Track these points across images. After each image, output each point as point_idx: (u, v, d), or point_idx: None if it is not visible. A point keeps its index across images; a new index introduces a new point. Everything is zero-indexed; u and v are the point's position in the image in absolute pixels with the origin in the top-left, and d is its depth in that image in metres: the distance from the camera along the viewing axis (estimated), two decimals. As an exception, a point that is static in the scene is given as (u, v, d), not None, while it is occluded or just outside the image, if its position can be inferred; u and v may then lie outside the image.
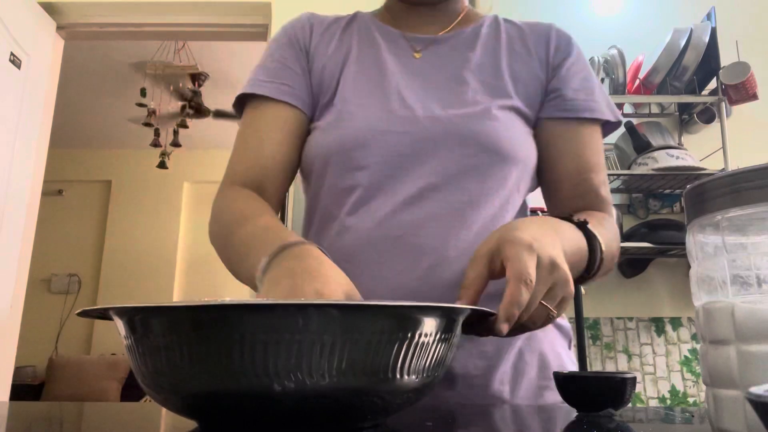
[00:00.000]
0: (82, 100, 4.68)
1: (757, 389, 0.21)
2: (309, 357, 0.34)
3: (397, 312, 0.37)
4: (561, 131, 0.76)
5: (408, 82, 0.75)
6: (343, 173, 0.71)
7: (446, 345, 0.42)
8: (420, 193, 0.69)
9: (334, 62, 0.78)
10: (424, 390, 0.41)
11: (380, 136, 0.70)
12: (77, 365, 4.75)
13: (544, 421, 0.53)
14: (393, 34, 0.81)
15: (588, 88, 0.77)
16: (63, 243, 5.44)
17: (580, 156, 0.76)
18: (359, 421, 0.39)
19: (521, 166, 0.73)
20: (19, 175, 2.30)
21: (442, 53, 0.79)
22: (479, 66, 0.77)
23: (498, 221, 0.71)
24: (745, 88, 2.09)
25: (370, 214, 0.69)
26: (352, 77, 0.76)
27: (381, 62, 0.77)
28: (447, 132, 0.70)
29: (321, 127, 0.74)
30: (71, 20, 2.58)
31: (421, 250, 0.67)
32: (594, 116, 0.76)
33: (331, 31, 0.82)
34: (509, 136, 0.72)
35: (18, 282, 2.32)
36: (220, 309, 0.34)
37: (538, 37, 0.80)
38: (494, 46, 0.79)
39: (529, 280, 0.48)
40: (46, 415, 0.57)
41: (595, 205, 0.75)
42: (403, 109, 0.72)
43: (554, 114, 0.76)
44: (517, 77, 0.77)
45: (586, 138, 0.76)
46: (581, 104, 0.76)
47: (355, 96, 0.74)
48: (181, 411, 0.39)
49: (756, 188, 0.31)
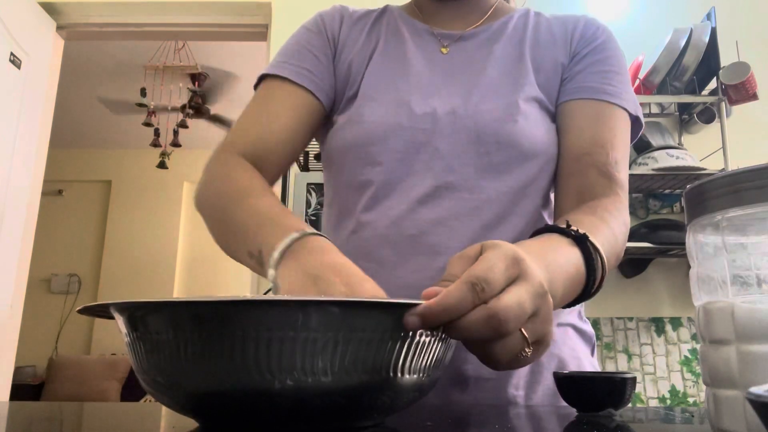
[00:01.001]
0: (82, 100, 4.68)
1: (757, 389, 0.21)
2: (312, 354, 0.34)
3: (400, 310, 0.37)
4: (572, 111, 0.72)
5: (431, 78, 0.74)
6: (359, 168, 0.71)
7: (445, 343, 0.42)
8: (436, 191, 0.68)
9: (362, 56, 0.78)
10: (425, 389, 0.41)
11: (398, 131, 0.70)
12: (77, 365, 4.74)
13: (545, 421, 0.53)
14: (421, 29, 0.80)
15: (608, 72, 0.72)
16: (63, 243, 5.44)
17: (585, 129, 0.69)
18: (361, 420, 0.39)
19: (542, 160, 0.69)
20: (19, 175, 2.30)
21: (468, 49, 0.77)
22: (502, 58, 0.75)
23: (515, 219, 0.68)
24: (745, 88, 2.09)
25: (385, 211, 0.69)
26: (376, 71, 0.76)
27: (406, 57, 0.76)
28: (466, 129, 0.69)
29: (343, 120, 0.74)
30: (71, 20, 2.58)
31: (437, 250, 0.66)
32: (608, 99, 0.70)
33: (360, 25, 0.81)
34: (530, 132, 0.69)
35: (18, 282, 2.32)
36: (222, 305, 0.34)
37: (565, 26, 0.77)
38: (520, 37, 0.77)
39: (480, 287, 0.37)
40: (46, 415, 0.57)
41: (598, 185, 0.66)
42: (423, 106, 0.71)
43: (566, 97, 0.73)
44: (539, 67, 0.74)
45: (597, 115, 0.70)
46: (595, 86, 0.71)
47: (375, 91, 0.74)
48: (181, 409, 0.39)
49: (756, 188, 0.31)
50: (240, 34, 2.66)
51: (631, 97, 0.73)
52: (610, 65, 0.73)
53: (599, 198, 0.65)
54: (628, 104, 0.71)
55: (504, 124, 0.68)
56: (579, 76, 0.73)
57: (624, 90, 0.72)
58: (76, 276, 5.43)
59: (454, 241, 0.66)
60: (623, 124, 0.71)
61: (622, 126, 0.71)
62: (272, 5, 2.45)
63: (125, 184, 5.66)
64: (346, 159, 0.72)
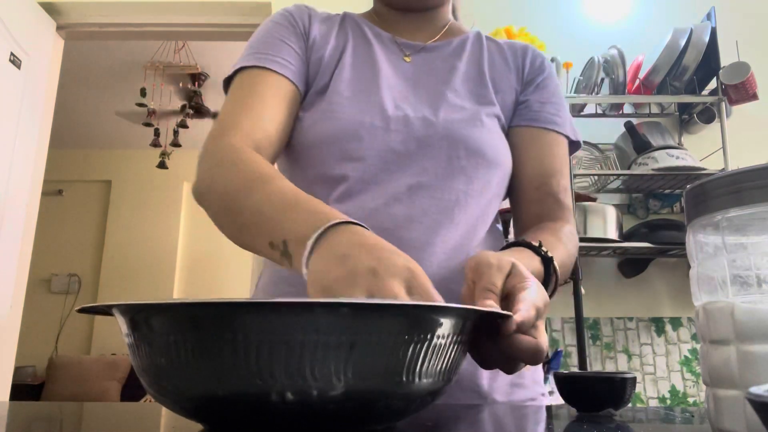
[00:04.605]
0: (82, 100, 4.68)
1: (757, 389, 0.21)
2: (319, 358, 0.33)
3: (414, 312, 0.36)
4: (527, 138, 0.80)
5: (399, 84, 0.78)
6: (334, 163, 0.72)
7: (461, 347, 0.40)
8: (410, 189, 0.71)
9: (331, 54, 0.79)
10: (438, 393, 0.40)
11: (374, 131, 0.72)
12: (77, 365, 4.75)
13: (545, 422, 0.53)
14: (384, 36, 0.84)
15: (556, 104, 0.82)
16: (63, 243, 5.44)
17: (542, 160, 0.79)
18: (371, 425, 0.38)
19: (502, 171, 0.76)
20: (19, 175, 2.30)
21: (431, 60, 0.82)
22: (466, 75, 0.81)
23: (481, 223, 0.75)
24: (745, 88, 2.09)
25: (361, 204, 0.70)
26: (348, 72, 0.77)
27: (375, 60, 0.79)
28: (437, 134, 0.73)
29: (312, 115, 0.74)
30: (71, 20, 2.58)
31: (411, 245, 0.68)
32: (557, 129, 0.81)
33: (327, 24, 0.83)
34: (494, 143, 0.75)
35: (18, 282, 2.32)
36: (226, 307, 0.33)
37: (515, 53, 0.85)
38: (478, 58, 0.84)
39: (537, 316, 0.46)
40: (46, 415, 0.57)
41: (554, 210, 0.77)
42: (396, 109, 0.74)
43: (521, 122, 0.81)
44: (498, 88, 0.82)
45: (549, 145, 0.80)
46: (547, 116, 0.81)
47: (350, 90, 0.75)
48: (183, 412, 0.38)
49: (756, 188, 0.31)
50: (240, 34, 2.66)
51: (571, 124, 0.84)
52: (558, 97, 0.84)
53: (556, 221, 0.76)
54: (570, 132, 0.83)
55: (472, 132, 0.74)
56: (535, 105, 0.81)
57: (568, 119, 0.83)
58: (76, 276, 5.43)
59: (427, 237, 0.69)
60: (565, 150, 0.82)
61: (564, 152, 0.82)
62: (272, 5, 2.45)
63: (125, 184, 5.66)
64: (319, 153, 0.73)
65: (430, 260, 0.68)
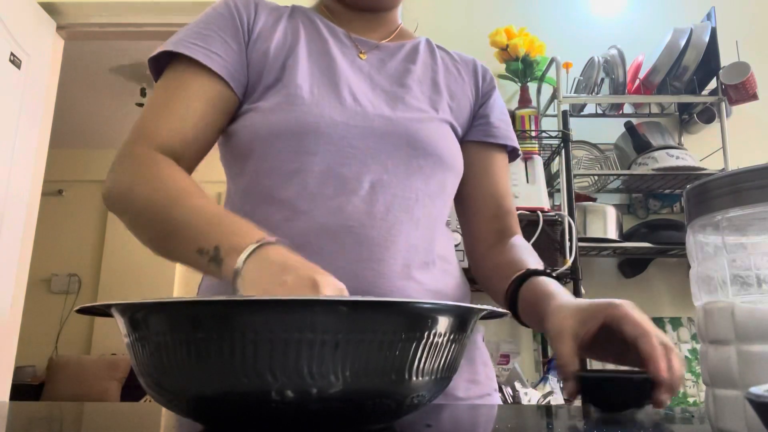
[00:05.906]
0: (82, 100, 4.68)
1: (757, 389, 0.21)
2: (317, 356, 0.33)
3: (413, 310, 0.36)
4: (485, 155, 0.85)
5: (356, 80, 0.77)
6: (291, 156, 0.70)
7: (459, 345, 0.41)
8: (372, 186, 0.71)
9: (280, 46, 0.76)
10: (437, 392, 0.41)
11: (333, 125, 0.71)
12: (77, 365, 4.74)
13: (544, 422, 0.53)
14: (338, 32, 0.82)
15: (506, 120, 0.88)
16: (63, 243, 5.44)
17: (499, 181, 0.85)
18: (369, 424, 0.38)
19: (455, 175, 0.79)
20: (19, 175, 2.30)
21: (385, 59, 0.82)
22: (421, 78, 0.82)
23: (439, 223, 0.77)
24: (745, 88, 2.09)
25: (324, 201, 0.69)
26: (303, 65, 0.75)
27: (330, 55, 0.78)
28: (396, 132, 0.73)
29: (266, 108, 0.72)
30: (71, 20, 2.58)
31: (374, 242, 0.68)
32: (511, 144, 0.86)
33: (274, 15, 0.80)
34: (450, 147, 0.77)
35: (18, 282, 2.32)
36: (225, 305, 0.33)
37: (467, 65, 0.88)
38: (432, 65, 0.85)
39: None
40: (46, 415, 0.57)
41: (511, 226, 0.83)
42: (355, 104, 0.73)
43: (481, 138, 0.85)
44: (453, 95, 0.83)
45: (502, 164, 0.86)
46: (503, 132, 0.85)
47: (306, 83, 0.73)
48: (183, 412, 0.38)
49: (756, 188, 0.31)
50: (240, 34, 2.66)
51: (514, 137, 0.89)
52: (505, 113, 0.89)
53: (515, 236, 0.82)
54: (517, 146, 0.88)
55: (429, 134, 0.75)
56: (491, 121, 0.85)
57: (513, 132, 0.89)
58: (76, 276, 5.43)
59: (390, 234, 0.69)
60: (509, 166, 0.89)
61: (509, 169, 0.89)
62: (272, 5, 2.45)
63: (125, 184, 5.65)
64: (274, 146, 0.70)
65: (395, 258, 0.68)
